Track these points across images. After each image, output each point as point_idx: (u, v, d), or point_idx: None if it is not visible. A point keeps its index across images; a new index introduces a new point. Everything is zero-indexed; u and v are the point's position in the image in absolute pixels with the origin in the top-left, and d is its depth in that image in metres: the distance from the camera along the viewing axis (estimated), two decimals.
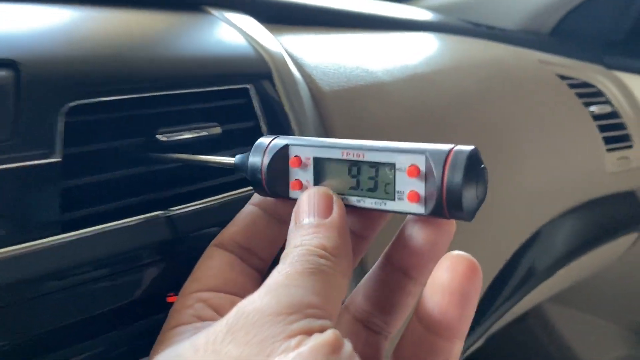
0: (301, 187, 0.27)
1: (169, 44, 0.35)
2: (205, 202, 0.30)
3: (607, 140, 0.76)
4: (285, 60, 0.38)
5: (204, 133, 0.30)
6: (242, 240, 0.27)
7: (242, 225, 0.28)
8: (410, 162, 0.24)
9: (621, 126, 0.80)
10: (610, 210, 0.81)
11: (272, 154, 0.27)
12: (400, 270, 0.27)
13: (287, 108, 0.36)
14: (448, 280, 0.23)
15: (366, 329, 0.27)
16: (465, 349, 0.71)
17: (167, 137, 0.29)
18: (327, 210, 0.25)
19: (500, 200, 0.61)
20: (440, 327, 0.23)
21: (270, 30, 0.43)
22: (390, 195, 0.25)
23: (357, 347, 0.24)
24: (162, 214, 0.28)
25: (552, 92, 0.77)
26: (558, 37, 0.93)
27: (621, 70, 0.85)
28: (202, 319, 0.24)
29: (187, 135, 0.30)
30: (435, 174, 0.23)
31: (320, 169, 0.26)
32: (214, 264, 0.27)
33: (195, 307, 0.25)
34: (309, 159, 0.26)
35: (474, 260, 0.23)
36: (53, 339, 0.24)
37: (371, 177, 0.25)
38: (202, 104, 0.32)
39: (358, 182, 0.25)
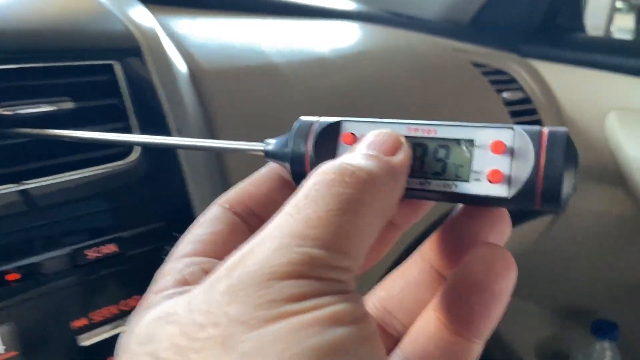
0: None
1: (23, 14, 0.33)
2: (63, 176, 0.29)
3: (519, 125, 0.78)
4: (158, 37, 0.37)
5: (50, 108, 0.29)
6: (255, 207, 0.23)
7: (258, 189, 0.24)
8: (494, 137, 0.21)
9: (533, 111, 0.82)
10: None
11: (319, 131, 0.23)
12: (435, 270, 0.24)
13: (157, 86, 0.35)
14: (481, 276, 0.20)
15: (382, 332, 0.24)
16: None
17: (11, 110, 0.28)
18: (392, 151, 0.21)
19: None
20: (462, 326, 0.21)
21: (158, 10, 0.42)
22: (464, 176, 0.21)
23: None
24: (14, 187, 0.27)
25: (466, 79, 0.78)
26: (477, 27, 0.95)
27: (535, 58, 0.88)
28: (191, 284, 0.20)
29: (31, 110, 0.28)
30: (529, 152, 0.20)
31: None
32: (216, 227, 0.23)
33: (187, 272, 0.21)
34: (363, 135, 0.23)
35: (510, 255, 0.21)
36: None
37: (440, 158, 0.22)
38: (60, 79, 0.31)
39: (423, 164, 0.22)
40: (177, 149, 0.34)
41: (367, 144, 0.21)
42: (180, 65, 0.37)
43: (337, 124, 0.23)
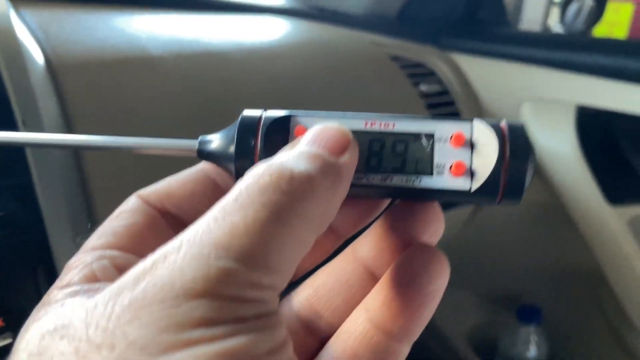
0: None
1: None
2: None
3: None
4: (10, 28, 0.37)
5: None
6: (174, 209, 0.21)
7: (181, 189, 0.22)
8: (454, 129, 0.21)
9: (451, 103, 0.84)
10: None
11: (268, 125, 0.21)
12: (367, 269, 0.23)
13: (5, 77, 0.35)
14: (415, 277, 0.20)
15: (307, 332, 0.23)
16: None
17: None
18: (338, 149, 0.19)
19: None
20: (394, 327, 0.20)
21: (21, 4, 0.42)
22: (427, 170, 0.21)
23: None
24: None
25: (382, 72, 0.80)
26: (402, 21, 0.97)
27: (454, 51, 0.90)
28: (101, 280, 0.18)
29: None
30: (491, 145, 0.20)
31: None
32: (133, 219, 0.20)
33: (97, 266, 0.18)
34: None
35: (444, 256, 0.21)
36: None
37: (399, 152, 0.21)
38: None
39: (381, 160, 0.21)
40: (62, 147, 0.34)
41: (312, 140, 0.19)
42: (32, 57, 0.38)
43: (288, 118, 0.22)
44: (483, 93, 0.87)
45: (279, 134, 0.21)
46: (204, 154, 0.22)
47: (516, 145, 0.20)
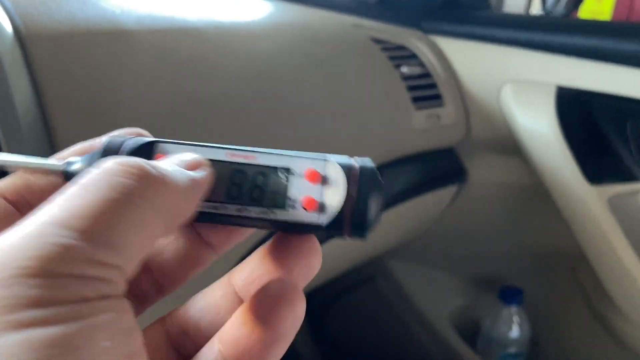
0: None
1: None
2: None
3: (416, 99, 0.80)
4: None
5: None
6: (34, 200, 0.21)
7: (40, 180, 0.21)
8: (309, 166, 0.22)
9: (432, 86, 0.84)
10: (428, 166, 0.86)
11: (128, 151, 0.22)
12: (237, 296, 0.23)
13: None
14: (262, 314, 0.20)
15: (173, 351, 0.23)
16: None
17: None
18: (192, 166, 0.20)
19: None
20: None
21: None
22: (281, 203, 0.22)
23: None
24: None
25: (364, 54, 0.79)
26: (384, 4, 0.97)
27: (436, 34, 0.90)
28: None
29: None
30: (340, 183, 0.22)
31: None
32: None
33: None
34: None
35: (301, 294, 0.20)
36: None
37: (259, 184, 0.22)
38: None
39: (241, 190, 0.22)
40: None
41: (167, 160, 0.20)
42: (5, 25, 0.37)
43: (151, 145, 0.22)
44: (464, 75, 0.87)
45: None
46: (68, 176, 0.21)
47: (362, 185, 0.22)
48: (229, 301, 0.23)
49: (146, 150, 0.22)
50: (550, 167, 0.79)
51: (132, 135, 0.23)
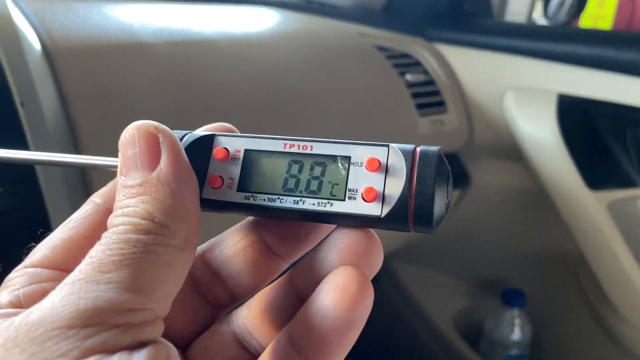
0: (221, 184, 0.22)
1: None
2: None
3: (421, 106, 0.82)
4: (5, 14, 0.38)
5: None
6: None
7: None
8: (369, 154, 0.21)
9: (436, 93, 0.86)
10: None
11: (188, 145, 0.22)
12: (297, 294, 0.23)
13: (3, 62, 0.37)
14: (334, 303, 0.19)
15: (241, 350, 0.24)
16: None
17: None
18: (152, 158, 0.19)
19: None
20: (313, 355, 0.20)
21: None
22: (339, 195, 0.21)
23: None
24: None
25: (369, 62, 0.82)
26: (388, 13, 0.99)
27: (440, 42, 0.92)
28: (24, 307, 0.19)
29: None
30: (402, 169, 0.20)
31: (252, 164, 0.22)
32: (77, 230, 0.21)
33: (23, 292, 0.19)
34: (239, 151, 0.22)
35: (368, 280, 0.20)
36: None
37: (316, 176, 0.21)
38: None
39: (298, 182, 0.21)
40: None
41: (124, 164, 0.19)
42: (33, 41, 0.39)
43: (210, 138, 0.22)
44: (467, 82, 0.89)
45: (200, 153, 0.22)
46: None
47: (424, 170, 0.20)
48: (289, 300, 0.23)
49: (206, 143, 0.22)
50: (551, 173, 0.81)
51: (221, 130, 0.23)
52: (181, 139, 0.22)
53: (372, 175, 0.21)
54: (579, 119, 0.81)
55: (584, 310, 0.90)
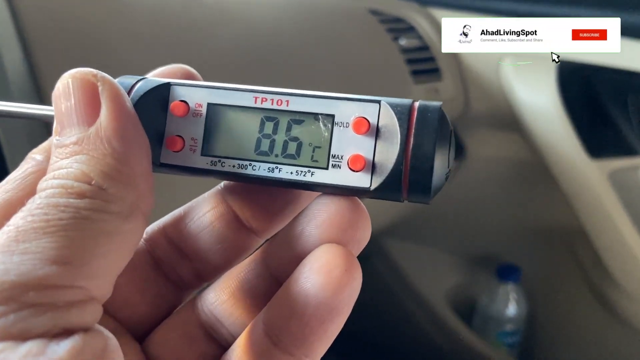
0: (182, 146, 0.19)
1: None
2: None
3: (416, 73, 0.78)
4: None
5: None
6: None
7: None
8: (357, 113, 0.18)
9: (431, 59, 0.82)
10: None
11: (141, 95, 0.19)
12: (272, 275, 0.20)
13: None
14: (317, 287, 0.17)
15: (208, 339, 0.21)
16: None
17: None
18: (91, 111, 0.16)
19: None
20: (294, 345, 0.17)
21: None
22: (322, 161, 0.18)
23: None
24: None
25: (362, 26, 0.77)
26: None
27: (434, 6, 0.88)
28: None
29: None
30: (395, 131, 0.17)
31: (217, 122, 0.18)
32: (17, 192, 0.18)
33: None
34: (200, 105, 0.19)
35: (354, 258, 0.17)
36: None
37: (294, 136, 0.18)
38: None
39: (273, 144, 0.18)
40: None
41: (59, 120, 0.16)
42: None
43: (166, 88, 0.19)
44: None
45: (154, 107, 0.19)
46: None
47: (423, 134, 0.17)
48: (263, 282, 0.20)
49: (161, 94, 0.19)
50: (550, 142, 0.78)
51: (179, 75, 0.20)
52: (131, 88, 0.19)
53: (360, 138, 0.18)
54: (579, 86, 0.78)
55: (581, 284, 0.88)
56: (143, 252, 0.21)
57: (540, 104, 0.78)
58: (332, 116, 0.18)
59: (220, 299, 0.21)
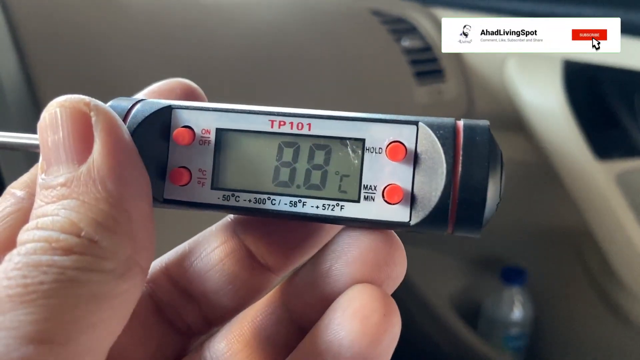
0: (189, 179, 0.16)
1: None
2: None
3: (418, 74, 0.77)
4: None
5: None
6: None
7: None
8: (391, 136, 0.15)
9: (433, 60, 0.81)
10: None
11: (139, 122, 0.16)
12: (295, 321, 0.17)
13: None
14: (352, 335, 0.14)
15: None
16: None
17: None
18: (82, 146, 0.14)
19: None
20: None
21: None
22: (351, 193, 0.16)
23: None
24: None
25: (363, 26, 0.76)
26: None
27: (436, 6, 0.87)
28: None
29: None
30: (438, 158, 0.15)
31: (228, 150, 0.16)
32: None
33: None
34: (208, 131, 0.16)
35: (392, 301, 0.15)
36: None
37: (318, 164, 0.16)
38: None
39: (293, 173, 0.16)
40: None
41: (45, 156, 0.14)
42: None
43: (167, 111, 0.16)
44: None
45: (155, 133, 0.16)
46: None
47: (472, 159, 0.15)
48: (284, 329, 0.17)
49: (160, 118, 0.16)
50: (556, 143, 0.76)
51: (179, 92, 0.17)
52: (127, 113, 0.16)
53: (396, 165, 0.15)
54: (585, 86, 0.77)
55: (587, 287, 0.87)
56: (143, 295, 0.18)
57: (546, 104, 0.76)
58: (362, 140, 0.16)
59: (233, 349, 0.18)
